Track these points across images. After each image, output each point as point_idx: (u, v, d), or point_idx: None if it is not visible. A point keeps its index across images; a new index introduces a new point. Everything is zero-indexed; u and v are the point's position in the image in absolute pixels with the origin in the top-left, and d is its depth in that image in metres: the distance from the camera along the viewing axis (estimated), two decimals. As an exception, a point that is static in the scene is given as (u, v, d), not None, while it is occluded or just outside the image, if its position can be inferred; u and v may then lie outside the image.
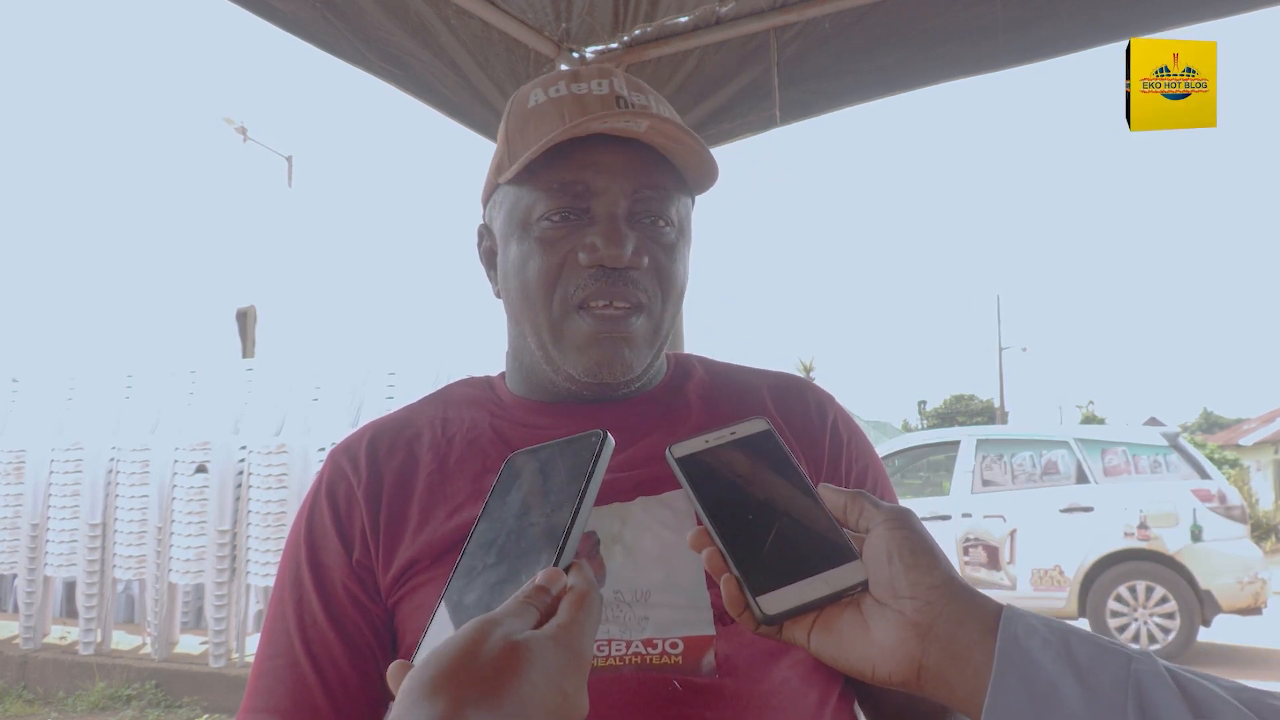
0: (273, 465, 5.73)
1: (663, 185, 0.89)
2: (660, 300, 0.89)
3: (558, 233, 0.87)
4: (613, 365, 0.87)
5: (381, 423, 0.96)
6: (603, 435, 0.65)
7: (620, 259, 0.84)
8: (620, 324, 0.86)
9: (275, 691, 0.83)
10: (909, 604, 0.57)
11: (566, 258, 0.86)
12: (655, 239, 0.89)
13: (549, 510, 0.63)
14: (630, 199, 0.87)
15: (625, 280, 0.86)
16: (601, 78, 0.91)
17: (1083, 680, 0.53)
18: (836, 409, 0.98)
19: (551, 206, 0.86)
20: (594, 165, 0.86)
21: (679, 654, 0.78)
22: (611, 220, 0.86)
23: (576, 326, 0.87)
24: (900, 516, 0.61)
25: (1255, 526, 14.63)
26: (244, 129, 16.13)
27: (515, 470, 0.70)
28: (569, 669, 0.53)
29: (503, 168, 0.91)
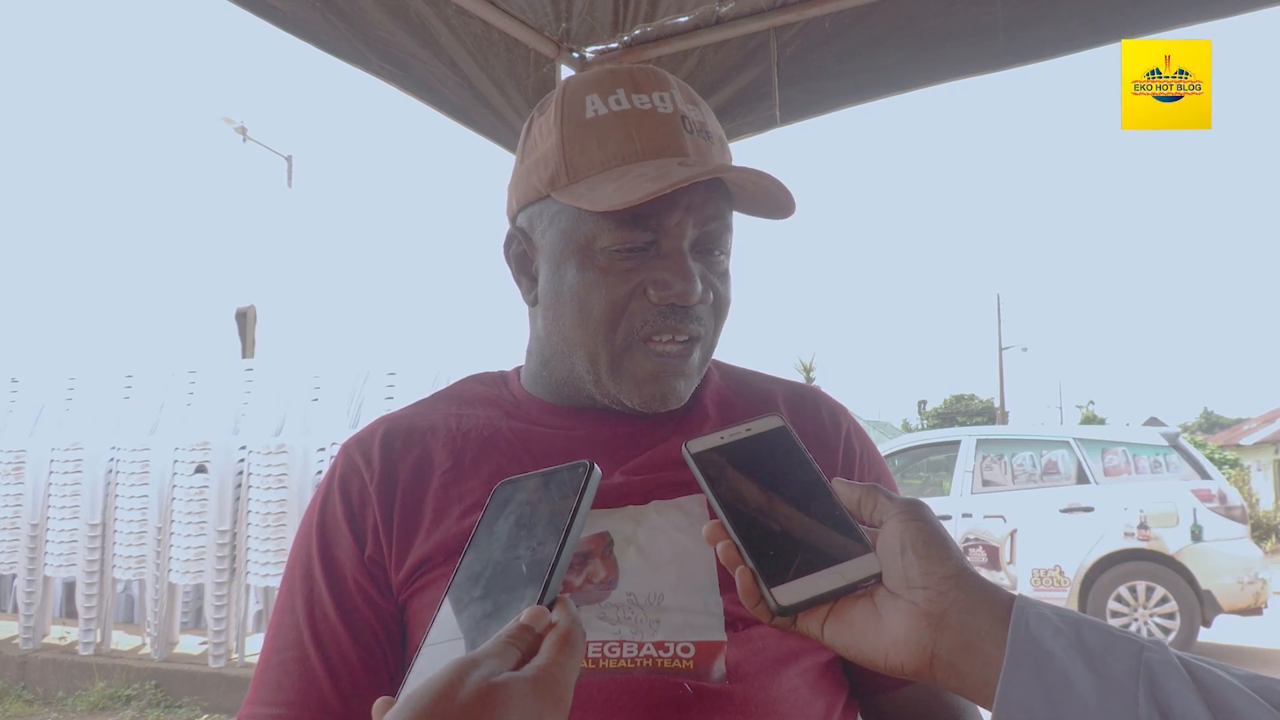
0: (272, 465, 5.73)
1: (724, 217, 0.89)
2: (714, 330, 0.90)
3: (625, 265, 0.85)
4: (668, 398, 0.87)
5: (395, 418, 0.96)
6: (589, 467, 0.66)
7: (692, 297, 0.84)
8: (681, 361, 0.87)
9: (283, 684, 0.83)
10: (921, 594, 0.58)
11: (634, 292, 0.85)
12: (714, 269, 0.89)
13: (535, 544, 0.63)
14: (697, 232, 0.86)
15: (690, 317, 0.86)
16: (661, 89, 0.88)
17: (1094, 668, 0.53)
18: (850, 420, 0.98)
19: (620, 239, 0.84)
20: (667, 199, 0.83)
21: (690, 658, 0.78)
22: (680, 256, 0.85)
23: (638, 361, 0.86)
24: (914, 508, 0.62)
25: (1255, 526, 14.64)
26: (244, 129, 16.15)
27: (503, 500, 0.70)
28: (548, 711, 0.53)
29: (557, 181, 0.87)
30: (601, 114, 0.87)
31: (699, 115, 0.90)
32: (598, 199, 0.82)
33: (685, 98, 0.90)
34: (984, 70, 1.74)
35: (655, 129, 0.86)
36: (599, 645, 0.79)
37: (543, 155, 0.89)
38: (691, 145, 0.86)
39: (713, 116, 0.93)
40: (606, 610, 0.81)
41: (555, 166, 0.87)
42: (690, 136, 0.87)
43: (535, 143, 0.91)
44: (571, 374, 0.91)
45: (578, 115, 0.87)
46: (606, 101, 0.87)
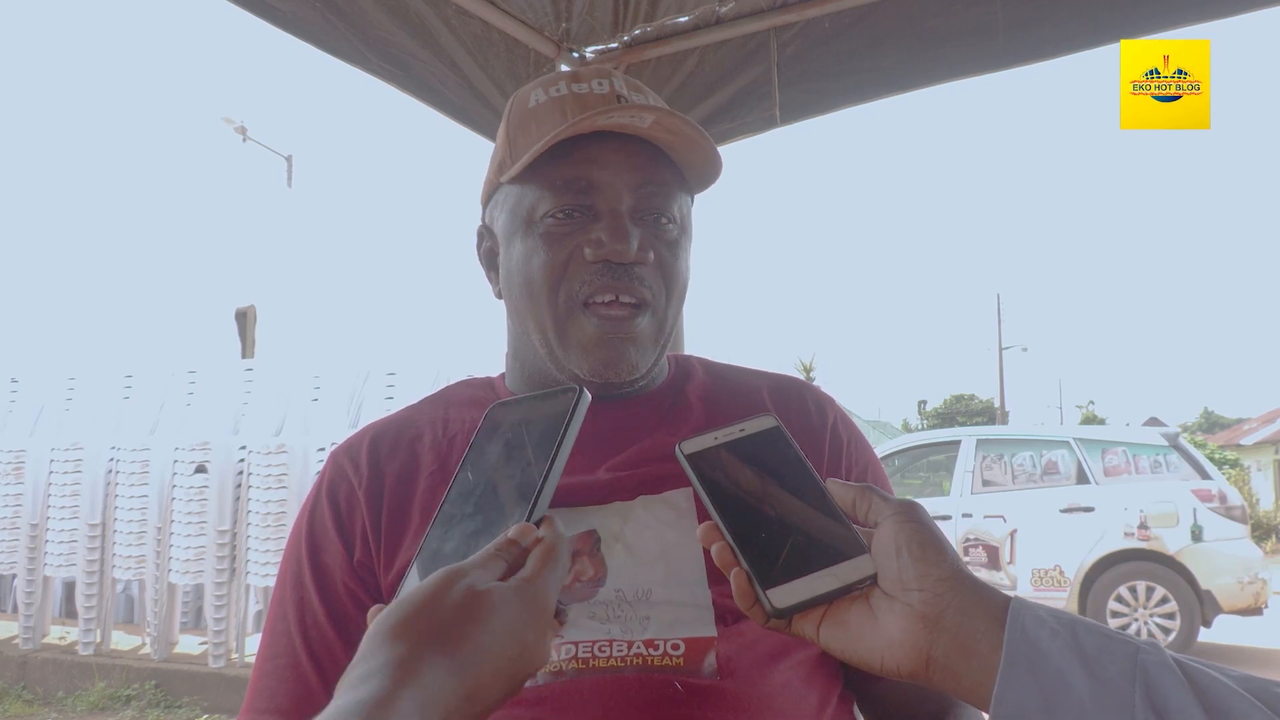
0: (272, 465, 5.73)
1: (665, 181, 0.89)
2: (665, 297, 0.90)
3: (562, 229, 0.87)
4: (618, 365, 0.87)
5: (382, 424, 0.96)
6: (579, 391, 0.67)
7: (626, 254, 0.85)
8: (625, 324, 0.87)
9: (277, 692, 0.83)
10: (917, 596, 0.57)
11: (572, 254, 0.86)
12: (659, 236, 0.89)
13: (524, 465, 0.66)
14: (634, 195, 0.87)
15: (630, 276, 0.86)
16: (601, 77, 0.92)
17: (1090, 670, 0.53)
18: (836, 410, 0.98)
19: (556, 204, 0.87)
20: (597, 161, 0.86)
21: (680, 655, 0.78)
22: (616, 216, 0.86)
23: (581, 326, 0.87)
24: (908, 510, 0.62)
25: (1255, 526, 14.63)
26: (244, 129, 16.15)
27: (495, 422, 0.72)
28: (530, 620, 0.55)
29: (504, 167, 0.91)
30: (542, 101, 0.91)
31: (642, 99, 0.92)
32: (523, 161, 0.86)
33: (630, 86, 0.93)
34: (984, 70, 1.74)
35: (587, 104, 0.89)
36: (589, 645, 0.79)
37: (495, 150, 0.95)
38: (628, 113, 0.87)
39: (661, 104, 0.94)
40: (595, 608, 0.81)
41: (503, 155, 0.92)
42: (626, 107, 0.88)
43: (494, 146, 0.97)
44: (534, 356, 0.92)
45: (522, 108, 0.92)
46: (548, 91, 0.92)
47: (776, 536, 0.62)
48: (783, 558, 0.61)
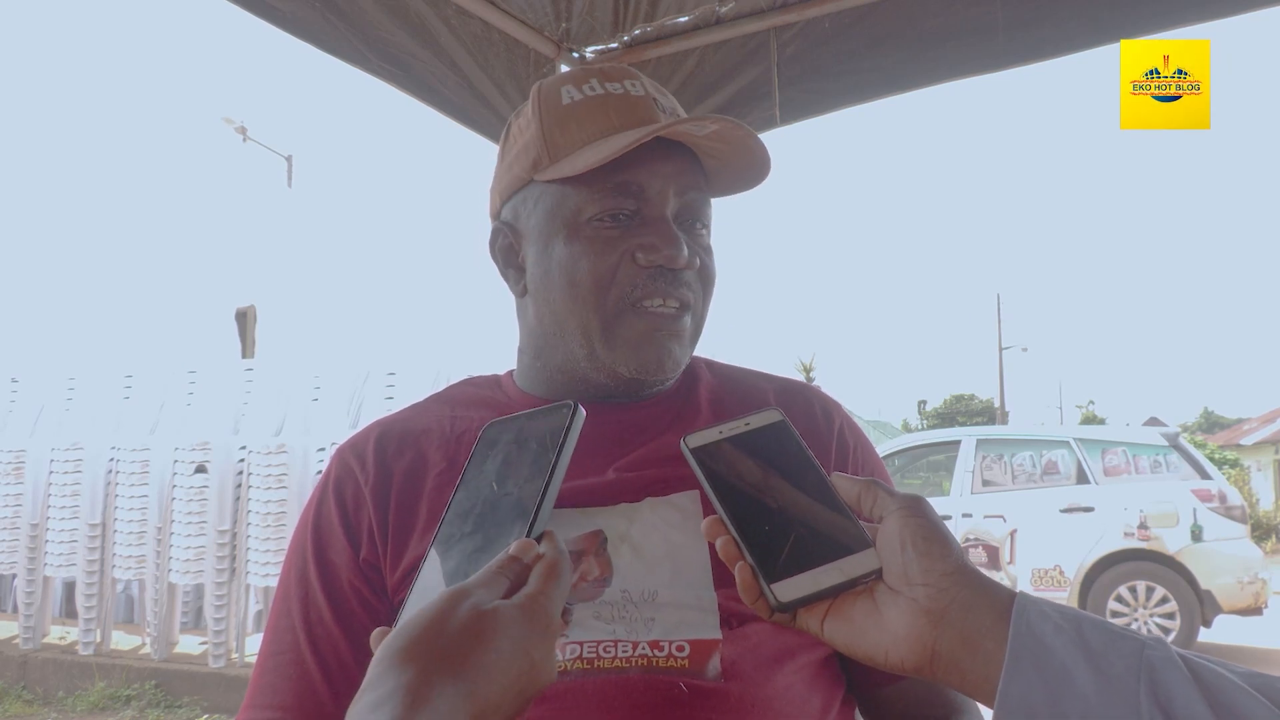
0: (272, 465, 5.73)
1: (703, 188, 0.92)
2: (703, 301, 0.92)
3: (612, 233, 0.87)
4: (663, 362, 0.88)
5: (389, 421, 0.96)
6: (573, 406, 0.68)
7: (679, 260, 0.86)
8: (674, 322, 0.88)
9: (279, 688, 0.83)
10: (922, 591, 0.57)
11: (622, 258, 0.87)
12: (698, 241, 0.91)
13: (522, 481, 0.65)
14: (679, 201, 0.89)
15: (679, 281, 0.88)
16: (631, 78, 0.93)
17: (1095, 665, 0.53)
18: (843, 415, 0.98)
19: (604, 208, 0.87)
20: (647, 169, 0.87)
21: (685, 657, 0.78)
22: (664, 222, 0.87)
23: (631, 324, 0.88)
24: (913, 504, 0.62)
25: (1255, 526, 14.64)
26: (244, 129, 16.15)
27: (491, 440, 0.72)
28: (536, 637, 0.55)
29: (540, 164, 0.90)
30: (578, 99, 0.91)
31: (670, 103, 0.94)
32: (579, 166, 0.86)
33: (655, 89, 0.94)
34: (984, 70, 1.74)
35: (631, 106, 0.89)
36: (594, 645, 0.79)
37: (524, 145, 0.93)
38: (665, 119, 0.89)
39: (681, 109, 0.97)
40: (601, 608, 0.81)
41: (537, 151, 0.91)
42: (664, 114, 0.91)
43: (515, 138, 0.95)
44: (567, 358, 0.92)
45: (555, 104, 0.91)
46: (581, 89, 0.91)
47: (781, 530, 0.62)
48: (787, 552, 0.61)
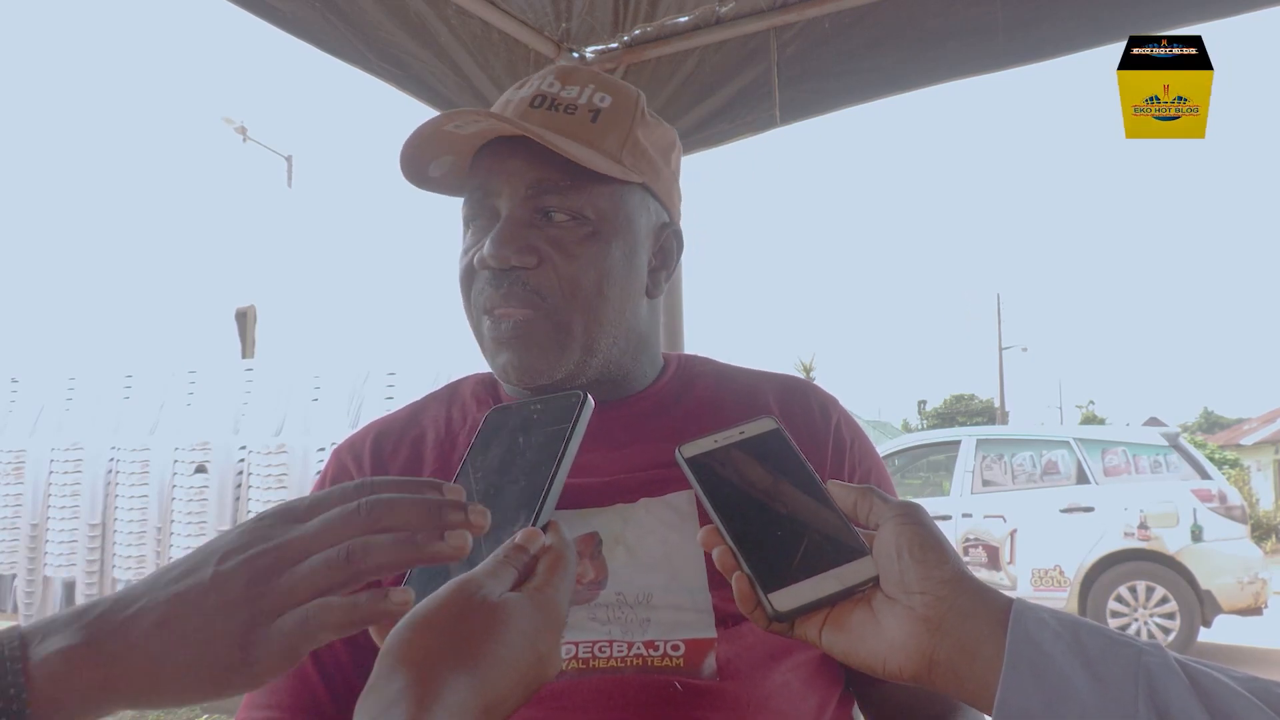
0: (273, 465, 5.73)
1: (557, 179, 0.85)
2: (563, 299, 0.85)
3: (470, 241, 0.89)
4: (520, 369, 0.86)
5: (385, 421, 0.96)
6: (582, 396, 0.67)
7: (495, 260, 0.84)
8: (516, 328, 0.85)
9: (277, 688, 0.83)
10: (919, 599, 0.57)
11: (470, 265, 0.89)
12: (555, 236, 0.86)
13: (527, 469, 0.64)
14: (524, 196, 0.86)
15: (514, 281, 0.85)
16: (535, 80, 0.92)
17: (1093, 672, 0.53)
18: (840, 412, 0.98)
19: (467, 214, 0.90)
20: (488, 168, 0.87)
21: (680, 656, 0.78)
22: (501, 222, 0.86)
23: (483, 333, 0.89)
24: (910, 512, 0.61)
25: (1255, 526, 14.64)
26: (244, 129, 16.16)
27: (494, 426, 0.71)
28: (544, 629, 0.54)
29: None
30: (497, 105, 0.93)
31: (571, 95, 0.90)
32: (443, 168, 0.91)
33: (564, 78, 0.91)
34: (984, 70, 1.74)
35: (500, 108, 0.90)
36: (589, 645, 0.79)
37: None
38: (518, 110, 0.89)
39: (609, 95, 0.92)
40: (596, 610, 0.81)
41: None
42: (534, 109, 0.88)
43: None
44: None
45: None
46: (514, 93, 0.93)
47: (778, 539, 0.62)
48: (784, 561, 0.61)
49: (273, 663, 0.50)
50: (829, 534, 0.62)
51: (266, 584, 0.51)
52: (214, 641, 0.49)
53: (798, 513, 0.64)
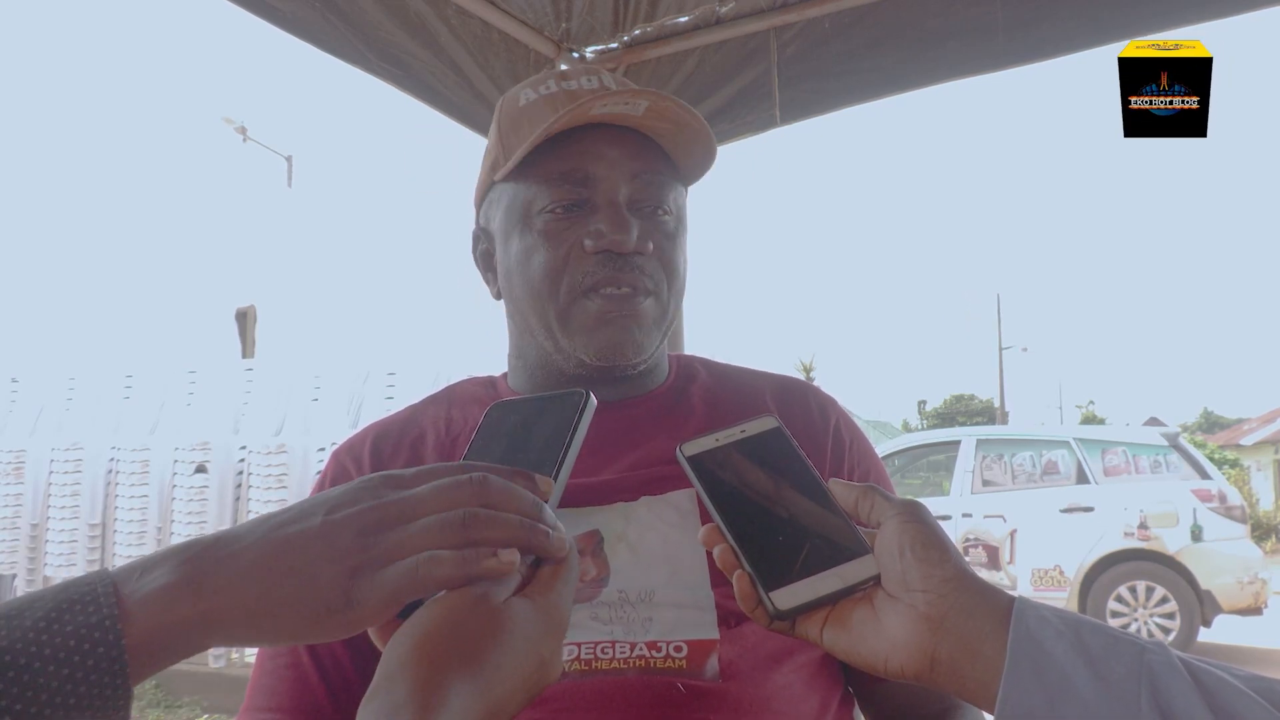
0: (273, 465, 5.73)
1: (660, 171, 0.90)
2: (666, 287, 0.90)
3: (561, 224, 0.87)
4: (623, 345, 0.87)
5: (384, 423, 0.96)
6: (585, 394, 0.66)
7: (627, 244, 0.85)
8: (629, 302, 0.87)
9: (277, 690, 0.83)
10: (921, 597, 0.57)
11: (572, 248, 0.87)
12: (657, 226, 0.89)
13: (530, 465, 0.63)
14: (631, 185, 0.88)
15: (632, 266, 0.87)
16: (590, 74, 0.93)
17: (1096, 671, 0.53)
18: (839, 412, 0.98)
19: (553, 198, 0.87)
20: (592, 153, 0.86)
21: (683, 657, 0.79)
22: (614, 207, 0.86)
23: (585, 309, 0.87)
24: (911, 510, 0.61)
25: (1255, 526, 14.64)
26: (244, 129, 16.15)
27: (495, 422, 0.70)
28: (547, 634, 0.54)
29: (498, 166, 0.92)
30: (531, 99, 0.92)
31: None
32: (517, 156, 0.87)
33: (618, 82, 0.94)
34: (984, 70, 1.74)
35: (577, 99, 0.89)
36: (591, 646, 0.79)
37: (487, 150, 0.95)
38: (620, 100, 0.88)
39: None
40: (598, 609, 0.81)
41: (495, 153, 0.93)
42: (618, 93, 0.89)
43: (486, 148, 0.97)
44: (540, 353, 0.92)
45: (513, 107, 0.93)
46: (537, 90, 0.92)
47: (779, 538, 0.62)
48: (785, 559, 0.61)
49: (373, 609, 0.50)
50: (830, 532, 0.62)
51: (375, 535, 0.51)
52: (318, 583, 0.50)
53: (799, 511, 0.64)
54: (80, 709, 0.45)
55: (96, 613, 0.46)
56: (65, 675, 0.44)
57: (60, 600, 0.47)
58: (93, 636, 0.45)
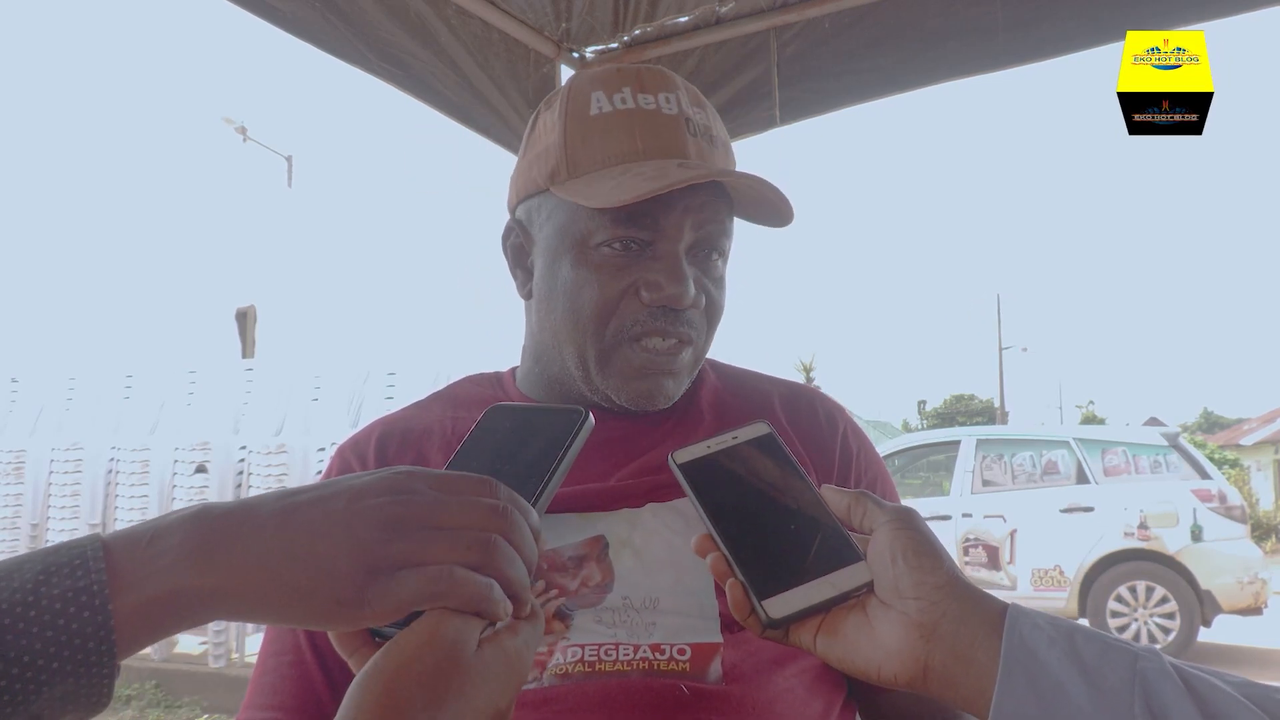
0: (273, 465, 5.74)
1: (723, 221, 0.88)
2: (705, 335, 0.90)
3: (618, 262, 0.85)
4: (654, 396, 0.87)
5: (390, 420, 0.96)
6: (584, 414, 0.66)
7: (684, 301, 0.84)
8: (671, 360, 0.87)
9: (279, 688, 0.83)
10: (913, 605, 0.57)
11: (625, 291, 0.85)
12: (708, 273, 0.88)
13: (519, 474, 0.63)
14: (695, 233, 0.86)
15: (682, 321, 0.86)
16: (668, 90, 0.89)
17: (1089, 679, 0.53)
18: (847, 420, 0.98)
19: (613, 234, 0.84)
20: (664, 200, 0.83)
21: (686, 660, 0.78)
22: (674, 258, 0.85)
23: (627, 358, 0.86)
24: (904, 517, 0.61)
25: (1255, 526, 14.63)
26: (244, 129, 16.15)
27: (492, 425, 0.69)
28: (508, 687, 0.52)
29: (557, 175, 0.87)
30: (606, 111, 0.87)
31: (704, 119, 0.90)
32: (595, 195, 0.82)
33: (692, 100, 0.91)
34: (984, 70, 1.74)
35: (658, 129, 0.86)
36: (595, 648, 0.79)
37: (545, 149, 0.89)
38: (694, 148, 0.86)
39: (719, 120, 0.93)
40: (602, 614, 0.81)
41: (556, 161, 0.88)
42: (693, 139, 0.87)
43: (539, 136, 0.91)
44: (563, 370, 0.91)
45: (582, 111, 0.88)
46: (611, 99, 0.87)
47: (771, 545, 0.62)
48: (778, 567, 0.60)
49: (384, 610, 0.49)
50: (823, 539, 0.62)
51: (399, 533, 0.50)
52: (334, 575, 0.48)
53: (791, 518, 0.63)
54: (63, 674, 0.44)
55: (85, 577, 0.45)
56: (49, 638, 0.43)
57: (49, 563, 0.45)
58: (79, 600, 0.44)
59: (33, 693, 0.43)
